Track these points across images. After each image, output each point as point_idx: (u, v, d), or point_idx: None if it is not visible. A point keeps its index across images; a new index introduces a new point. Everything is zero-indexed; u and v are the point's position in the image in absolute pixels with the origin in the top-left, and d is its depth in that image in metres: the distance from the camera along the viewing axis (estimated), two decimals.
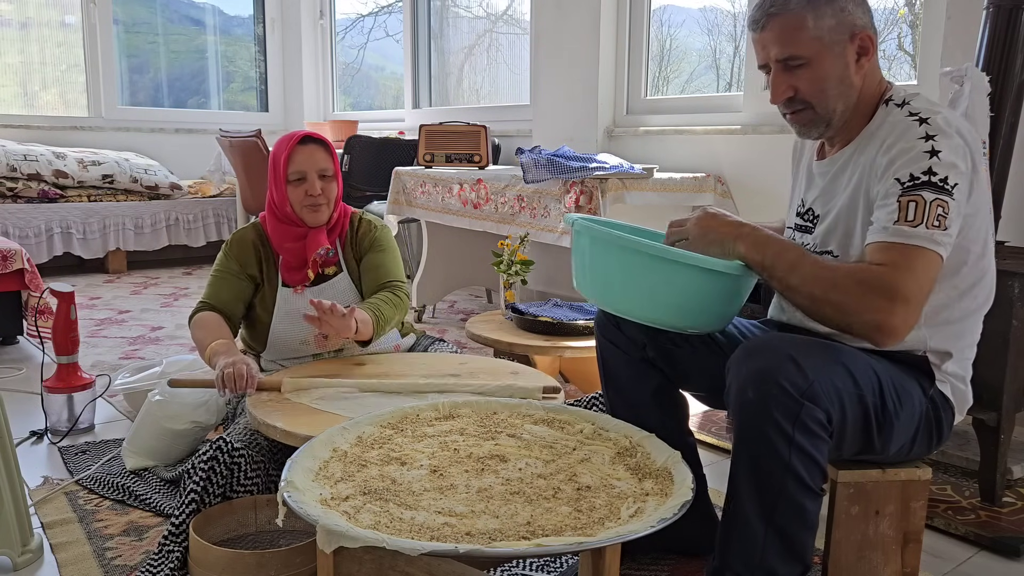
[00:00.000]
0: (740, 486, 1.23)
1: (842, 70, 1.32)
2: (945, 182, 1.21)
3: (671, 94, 3.82)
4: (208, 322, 1.90)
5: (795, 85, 1.33)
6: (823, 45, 1.30)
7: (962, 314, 1.35)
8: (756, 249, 1.29)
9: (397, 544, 0.99)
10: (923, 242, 1.19)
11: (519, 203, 3.13)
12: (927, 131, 1.24)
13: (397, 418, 1.43)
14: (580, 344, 2.29)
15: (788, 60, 1.32)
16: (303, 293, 1.96)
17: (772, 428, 1.18)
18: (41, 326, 2.72)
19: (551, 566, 1.58)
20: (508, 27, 4.90)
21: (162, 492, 1.90)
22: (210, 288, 1.97)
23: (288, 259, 1.97)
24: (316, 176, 1.93)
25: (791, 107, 1.37)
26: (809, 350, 1.21)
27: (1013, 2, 1.98)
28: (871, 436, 1.28)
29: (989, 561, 1.68)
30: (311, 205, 1.94)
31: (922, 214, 1.20)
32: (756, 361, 1.20)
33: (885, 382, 1.27)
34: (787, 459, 1.18)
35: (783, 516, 1.21)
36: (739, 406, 1.22)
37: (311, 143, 1.95)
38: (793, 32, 1.30)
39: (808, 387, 1.17)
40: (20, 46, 5.42)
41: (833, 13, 1.29)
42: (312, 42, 6.12)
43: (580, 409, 1.48)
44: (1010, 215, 2.20)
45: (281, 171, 1.93)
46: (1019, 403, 1.85)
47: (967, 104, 1.91)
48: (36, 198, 4.72)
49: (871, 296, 1.18)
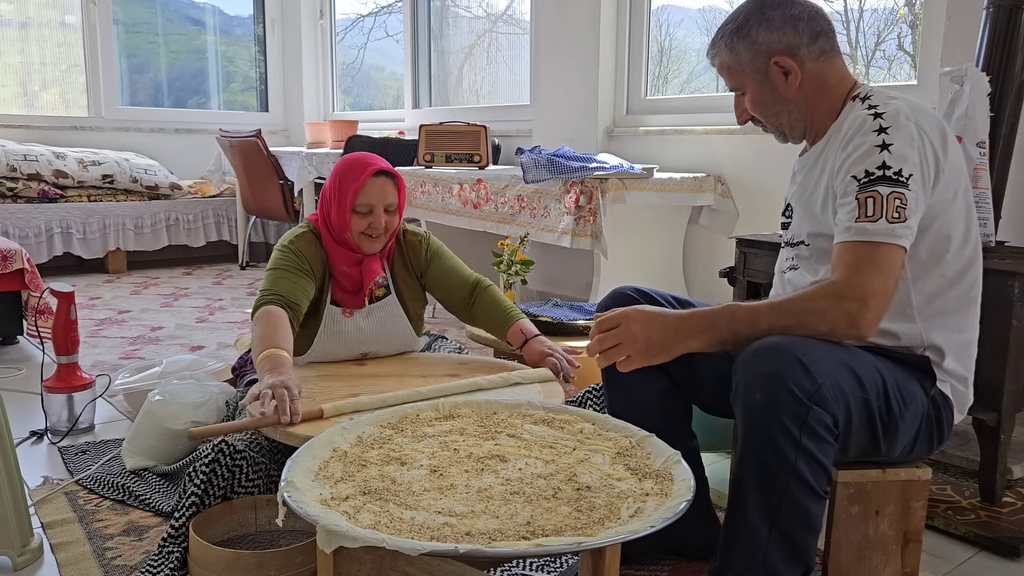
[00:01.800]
0: (745, 488, 1.23)
1: (772, 91, 1.45)
2: (899, 175, 1.27)
3: (671, 94, 3.82)
4: (274, 319, 1.77)
5: (746, 107, 1.50)
6: (747, 75, 1.46)
7: (957, 304, 1.37)
8: (708, 335, 1.29)
9: (397, 544, 0.99)
10: (884, 237, 1.25)
11: (519, 203, 3.13)
12: (880, 124, 1.31)
13: (397, 418, 1.43)
14: (580, 344, 2.29)
15: (734, 90, 1.50)
16: (352, 316, 1.95)
17: (779, 431, 1.18)
18: (41, 326, 2.72)
19: (551, 566, 1.58)
20: (508, 27, 4.90)
21: (162, 492, 1.89)
22: (280, 281, 1.86)
23: (343, 282, 1.96)
24: (382, 210, 1.91)
25: (754, 124, 1.53)
26: (816, 353, 1.21)
27: (1013, 2, 1.98)
28: (876, 438, 1.29)
29: (989, 561, 1.68)
30: (371, 235, 1.92)
31: (880, 208, 1.26)
32: (764, 363, 1.20)
33: (890, 384, 1.28)
34: (793, 462, 1.18)
35: (787, 519, 1.21)
36: (746, 408, 1.21)
37: (383, 176, 1.92)
38: (727, 69, 1.48)
39: (816, 391, 1.17)
40: (20, 46, 5.42)
41: (747, 48, 1.43)
42: (312, 42, 6.12)
43: (580, 409, 1.49)
44: (1010, 215, 2.20)
45: (349, 199, 1.89)
46: (1019, 403, 1.84)
47: (967, 104, 1.91)
48: (36, 198, 4.72)
49: (843, 303, 1.24)
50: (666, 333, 1.29)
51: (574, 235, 2.85)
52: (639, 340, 1.28)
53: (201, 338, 3.41)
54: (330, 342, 1.93)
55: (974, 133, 1.92)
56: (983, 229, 1.95)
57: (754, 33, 1.42)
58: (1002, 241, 2.08)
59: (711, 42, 1.51)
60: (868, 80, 3.15)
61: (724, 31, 1.47)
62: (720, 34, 1.48)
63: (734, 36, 1.44)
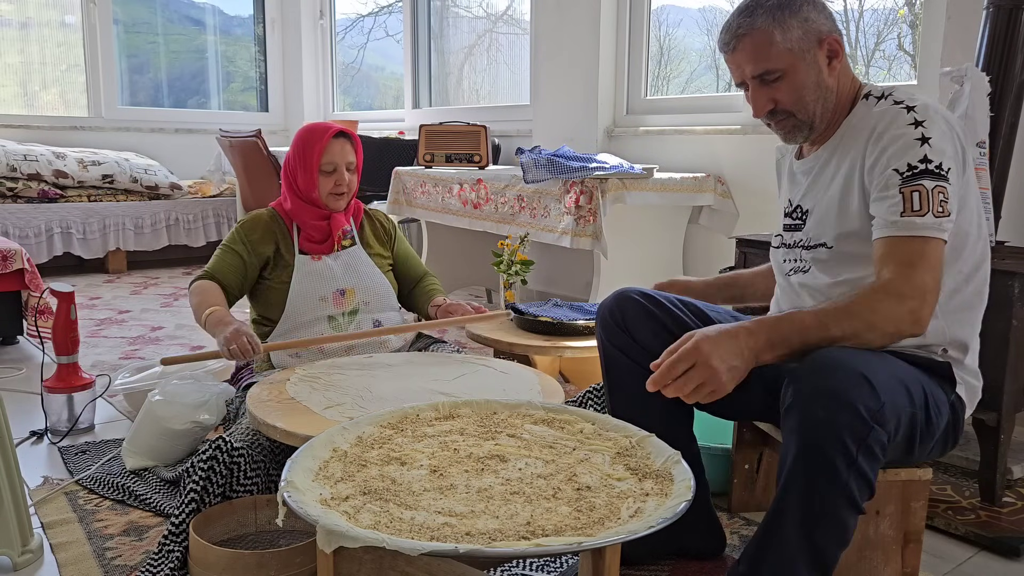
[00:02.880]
0: (788, 502, 1.19)
1: (816, 75, 1.37)
2: (940, 168, 1.26)
3: (671, 94, 3.82)
4: (205, 289, 2.07)
5: (774, 97, 1.38)
6: (795, 56, 1.35)
7: (973, 299, 1.38)
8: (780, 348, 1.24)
9: (397, 544, 0.99)
10: (931, 232, 1.24)
11: (519, 203, 3.13)
12: (915, 117, 1.29)
13: (397, 418, 1.43)
14: (580, 344, 2.29)
15: (764, 75, 1.37)
16: (321, 260, 2.14)
17: (838, 450, 1.13)
18: (41, 326, 2.72)
19: (551, 566, 1.58)
20: (508, 27, 4.90)
21: (162, 492, 1.89)
22: (215, 261, 2.14)
23: (311, 233, 2.16)
24: (345, 168, 2.14)
25: (773, 117, 1.42)
26: (877, 368, 1.18)
27: (1013, 2, 1.98)
28: (912, 449, 1.28)
29: (989, 561, 1.68)
30: (337, 194, 2.14)
31: (927, 203, 1.24)
32: (828, 379, 1.15)
33: (928, 395, 1.27)
34: (845, 480, 1.15)
35: (824, 533, 1.18)
36: (804, 423, 1.16)
37: (342, 137, 2.16)
38: (764, 48, 1.35)
39: (878, 409, 1.14)
40: (20, 46, 5.42)
41: (798, 24, 1.34)
42: (312, 42, 6.12)
43: (580, 409, 1.48)
44: (1010, 215, 2.20)
45: (315, 161, 2.11)
46: (1019, 403, 1.85)
47: (967, 104, 1.92)
48: (36, 198, 4.72)
49: (906, 302, 1.22)
50: (743, 355, 1.23)
51: (574, 235, 2.85)
52: (721, 372, 1.21)
53: (201, 338, 3.41)
54: (304, 282, 2.11)
55: (974, 133, 1.92)
56: None
57: (805, 10, 1.34)
58: (1002, 241, 2.08)
59: (738, 18, 1.37)
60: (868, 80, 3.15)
61: (762, 7, 1.35)
62: (753, 10, 1.35)
63: (783, 11, 1.34)
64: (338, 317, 2.10)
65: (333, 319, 2.10)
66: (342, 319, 2.10)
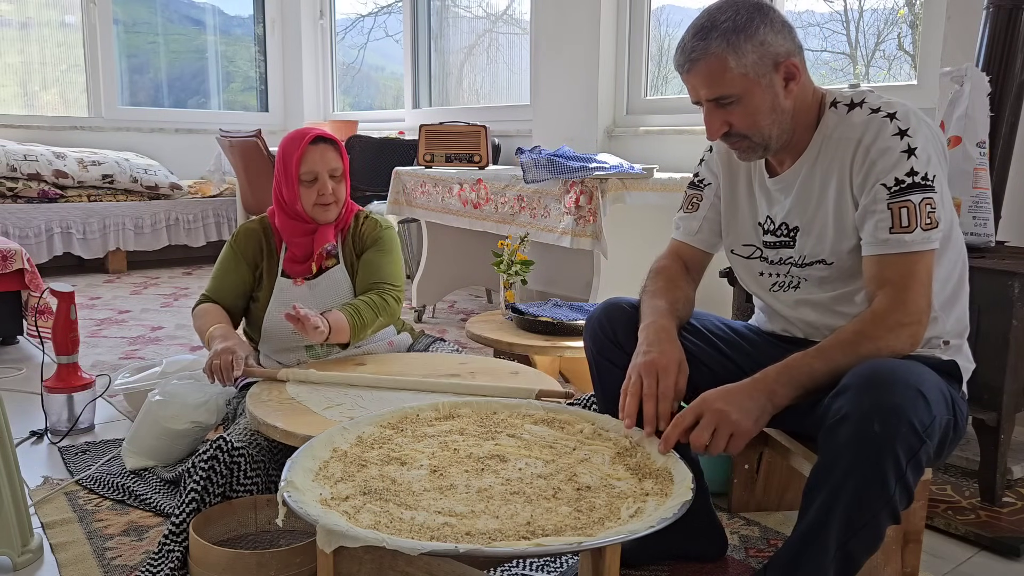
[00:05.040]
0: (834, 514, 1.18)
1: (772, 99, 1.33)
2: (927, 179, 1.26)
3: (671, 94, 3.82)
4: (207, 311, 1.98)
5: (728, 120, 1.35)
6: (749, 81, 1.31)
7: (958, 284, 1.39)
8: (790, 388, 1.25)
9: (397, 544, 0.99)
10: (920, 246, 1.26)
11: (519, 203, 3.12)
12: (899, 127, 1.29)
13: (397, 418, 1.43)
14: (580, 344, 2.28)
15: (719, 99, 1.34)
16: (302, 285, 2.01)
17: (890, 463, 1.13)
18: (41, 326, 2.72)
19: (551, 566, 1.58)
20: (508, 27, 4.90)
21: (162, 492, 1.89)
22: (212, 282, 2.05)
23: (294, 252, 2.02)
24: (327, 177, 1.97)
25: (728, 139, 1.39)
26: (926, 380, 1.18)
27: (1013, 2, 1.98)
28: (942, 453, 1.28)
29: (989, 561, 1.68)
30: (322, 205, 1.98)
31: (915, 218, 1.26)
32: (884, 394, 1.14)
33: (954, 401, 1.28)
34: (891, 493, 1.14)
35: (860, 542, 1.18)
36: (860, 438, 1.14)
37: (322, 143, 1.97)
38: (718, 74, 1.31)
39: (931, 423, 1.14)
40: (20, 46, 5.42)
41: (753, 48, 1.30)
42: (312, 42, 6.12)
43: (580, 409, 1.48)
44: (1010, 215, 2.20)
45: (293, 171, 1.95)
46: (1019, 403, 1.84)
47: (967, 104, 1.92)
48: (36, 198, 4.72)
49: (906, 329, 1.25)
50: (757, 400, 1.24)
51: (574, 235, 2.85)
52: (734, 418, 1.21)
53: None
54: (280, 310, 1.94)
55: (974, 133, 1.92)
56: (983, 229, 1.95)
57: (761, 33, 1.29)
58: (1002, 241, 2.08)
59: (692, 40, 1.32)
60: (868, 80, 3.15)
61: (717, 29, 1.30)
62: (708, 33, 1.31)
63: (738, 35, 1.29)
64: (316, 347, 1.98)
65: (311, 348, 1.98)
66: (319, 349, 1.98)
